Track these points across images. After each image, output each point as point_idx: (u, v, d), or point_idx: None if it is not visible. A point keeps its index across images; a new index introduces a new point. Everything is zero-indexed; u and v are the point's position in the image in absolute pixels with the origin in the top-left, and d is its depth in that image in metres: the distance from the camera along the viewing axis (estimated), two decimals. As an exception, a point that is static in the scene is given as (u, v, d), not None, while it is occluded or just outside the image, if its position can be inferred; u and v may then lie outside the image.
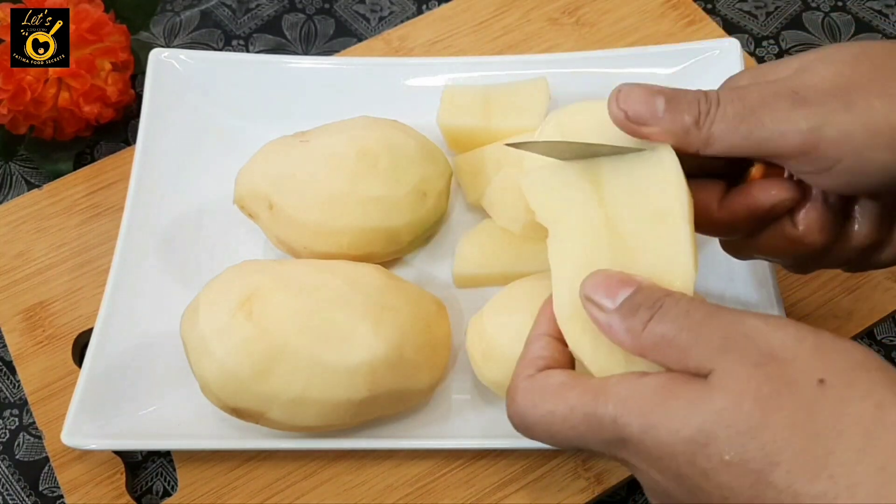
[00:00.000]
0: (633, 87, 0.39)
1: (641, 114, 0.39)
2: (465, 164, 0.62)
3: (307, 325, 0.49)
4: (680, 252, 0.38)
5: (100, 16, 0.67)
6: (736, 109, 0.38)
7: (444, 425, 0.55)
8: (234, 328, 0.49)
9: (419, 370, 0.52)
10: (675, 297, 0.35)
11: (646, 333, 0.35)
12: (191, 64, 0.68)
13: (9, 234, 0.65)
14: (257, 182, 0.57)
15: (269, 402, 0.49)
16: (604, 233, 0.40)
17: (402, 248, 0.59)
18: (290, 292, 0.50)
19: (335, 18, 0.79)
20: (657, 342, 0.34)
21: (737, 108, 0.38)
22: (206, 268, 0.60)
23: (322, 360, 0.49)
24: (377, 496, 0.54)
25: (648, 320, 0.35)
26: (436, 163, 0.59)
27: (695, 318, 0.34)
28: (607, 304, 0.36)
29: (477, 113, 0.62)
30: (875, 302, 0.60)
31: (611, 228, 0.40)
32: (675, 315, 0.34)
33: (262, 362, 0.49)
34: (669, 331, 0.34)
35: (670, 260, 0.38)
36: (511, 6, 0.74)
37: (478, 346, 0.52)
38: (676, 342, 0.34)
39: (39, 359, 0.59)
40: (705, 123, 0.38)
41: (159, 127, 0.65)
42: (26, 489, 0.57)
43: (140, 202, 0.62)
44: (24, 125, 0.67)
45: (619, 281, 0.36)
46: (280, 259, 0.59)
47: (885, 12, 0.77)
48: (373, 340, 0.50)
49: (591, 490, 0.54)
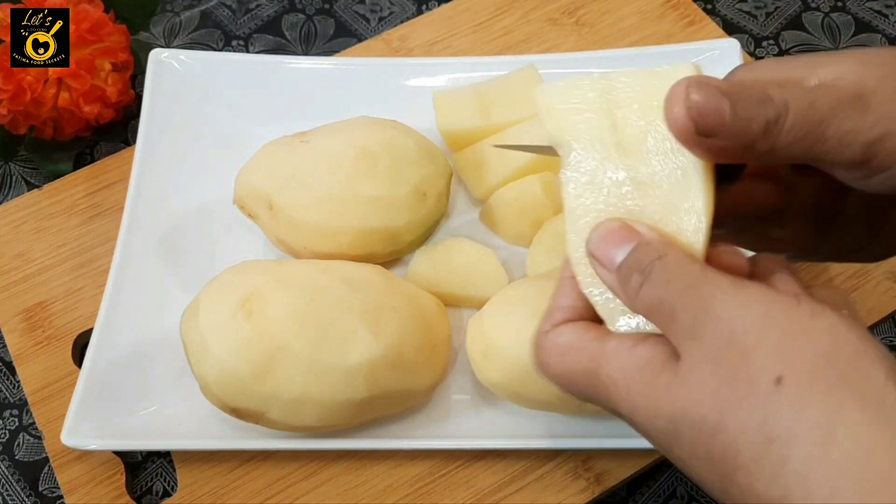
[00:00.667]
0: (704, 86, 0.33)
1: (710, 123, 0.33)
2: (465, 160, 0.62)
3: (306, 326, 0.49)
4: (692, 187, 0.35)
5: (100, 16, 0.67)
6: (806, 117, 0.33)
7: (444, 425, 0.55)
8: (233, 328, 0.49)
9: (419, 370, 0.52)
10: (665, 261, 0.34)
11: (639, 299, 0.34)
12: (191, 64, 0.68)
13: (9, 234, 0.65)
14: (257, 182, 0.57)
15: (268, 403, 0.49)
16: (618, 164, 0.37)
17: (402, 248, 0.59)
18: (290, 293, 0.50)
19: (335, 19, 0.79)
20: (648, 308, 0.34)
21: (807, 116, 0.33)
22: (205, 268, 0.60)
23: (322, 360, 0.49)
24: (377, 496, 0.54)
25: (640, 285, 0.34)
26: (435, 163, 0.59)
27: (675, 289, 0.33)
28: (608, 263, 0.35)
29: (474, 113, 0.62)
30: (875, 302, 0.60)
31: (624, 156, 0.37)
32: (659, 283, 0.34)
33: (261, 363, 0.49)
34: (655, 299, 0.34)
35: (683, 194, 0.36)
36: (511, 6, 0.74)
37: (478, 346, 0.52)
38: (661, 311, 0.34)
39: (39, 359, 0.59)
40: (773, 133, 0.33)
41: (159, 127, 0.65)
42: (26, 489, 0.57)
43: (140, 202, 0.62)
44: (24, 125, 0.67)
45: (620, 236, 0.35)
46: (280, 259, 0.59)
47: (884, 12, 0.77)
48: (372, 341, 0.50)
49: (591, 490, 0.54)
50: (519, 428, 0.54)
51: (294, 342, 0.49)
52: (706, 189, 0.35)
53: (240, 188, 0.58)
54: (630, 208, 0.37)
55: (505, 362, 0.50)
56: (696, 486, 0.56)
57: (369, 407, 0.51)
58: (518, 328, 0.50)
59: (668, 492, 0.56)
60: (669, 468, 0.56)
